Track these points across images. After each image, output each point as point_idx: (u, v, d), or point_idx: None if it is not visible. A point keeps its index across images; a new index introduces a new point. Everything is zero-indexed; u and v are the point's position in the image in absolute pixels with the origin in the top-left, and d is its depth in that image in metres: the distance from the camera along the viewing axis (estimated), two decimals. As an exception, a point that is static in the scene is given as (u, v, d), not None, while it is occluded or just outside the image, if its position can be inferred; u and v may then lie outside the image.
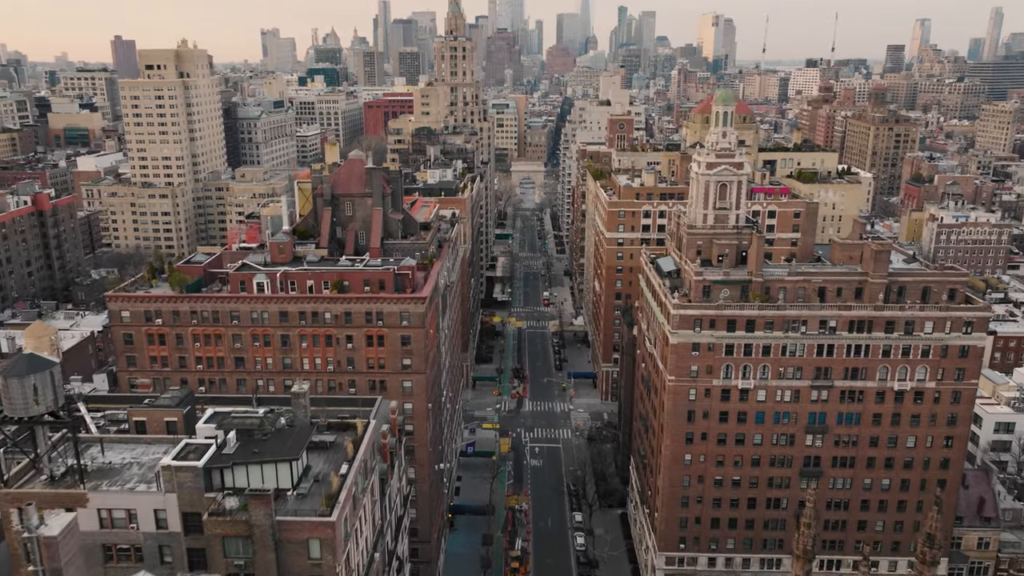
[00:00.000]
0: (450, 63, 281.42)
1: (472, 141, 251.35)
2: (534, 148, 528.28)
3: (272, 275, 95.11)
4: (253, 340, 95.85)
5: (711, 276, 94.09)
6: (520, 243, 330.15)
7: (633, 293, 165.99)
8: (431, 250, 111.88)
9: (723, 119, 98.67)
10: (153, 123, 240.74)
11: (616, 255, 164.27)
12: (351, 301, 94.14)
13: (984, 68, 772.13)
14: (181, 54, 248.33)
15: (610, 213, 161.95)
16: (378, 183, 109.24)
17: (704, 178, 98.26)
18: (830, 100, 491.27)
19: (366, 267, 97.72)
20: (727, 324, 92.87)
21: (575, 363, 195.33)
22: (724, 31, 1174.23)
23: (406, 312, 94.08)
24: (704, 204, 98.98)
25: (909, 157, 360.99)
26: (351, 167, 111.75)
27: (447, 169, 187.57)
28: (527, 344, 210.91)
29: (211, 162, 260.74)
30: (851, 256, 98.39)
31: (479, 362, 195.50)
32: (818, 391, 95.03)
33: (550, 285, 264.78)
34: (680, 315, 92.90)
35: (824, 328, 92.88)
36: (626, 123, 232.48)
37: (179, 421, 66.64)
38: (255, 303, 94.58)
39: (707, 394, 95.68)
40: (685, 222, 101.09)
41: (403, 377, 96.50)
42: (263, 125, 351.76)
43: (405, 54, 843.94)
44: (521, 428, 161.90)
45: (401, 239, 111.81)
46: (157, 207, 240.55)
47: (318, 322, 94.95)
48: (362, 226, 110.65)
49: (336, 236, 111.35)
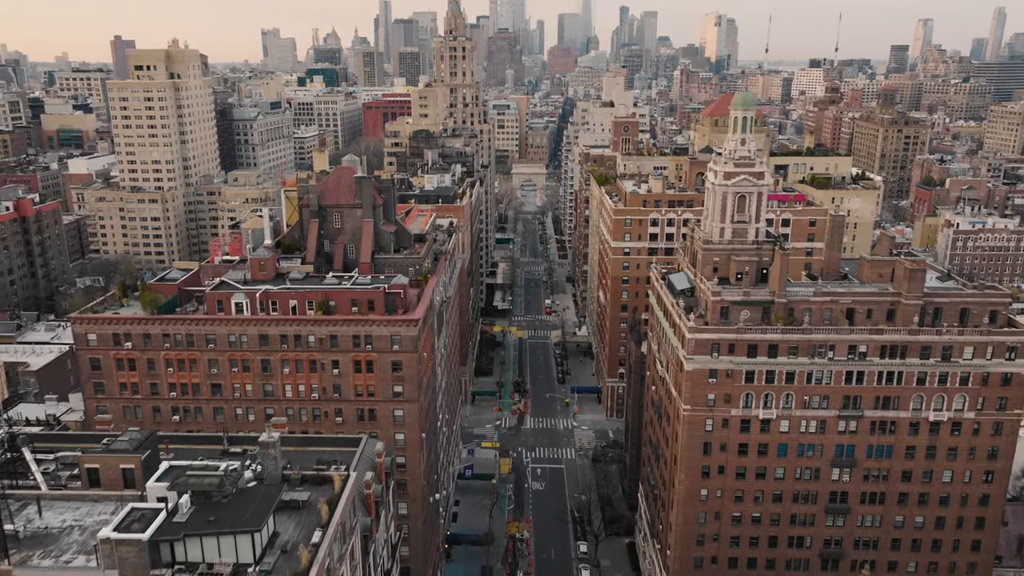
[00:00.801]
0: (449, 63, 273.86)
1: (472, 144, 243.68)
2: (535, 149, 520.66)
3: (252, 295, 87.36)
4: (231, 365, 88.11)
5: (730, 296, 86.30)
6: (521, 248, 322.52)
7: (639, 305, 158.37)
8: (426, 265, 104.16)
9: (741, 125, 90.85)
10: (142, 125, 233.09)
11: (622, 265, 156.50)
12: (337, 323, 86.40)
13: (989, 68, 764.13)
14: (172, 54, 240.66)
15: (616, 221, 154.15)
16: (368, 193, 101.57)
17: (721, 189, 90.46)
18: (837, 101, 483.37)
19: (354, 286, 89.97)
20: (747, 349, 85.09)
21: (578, 376, 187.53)
22: (726, 31, 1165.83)
23: (397, 335, 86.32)
24: (721, 217, 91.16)
25: (919, 160, 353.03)
26: (339, 176, 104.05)
27: (445, 174, 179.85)
28: (528, 355, 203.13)
29: (203, 165, 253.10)
30: (881, 273, 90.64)
31: (479, 374, 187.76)
32: (846, 422, 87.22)
33: (552, 292, 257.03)
34: (696, 339, 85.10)
35: (853, 353, 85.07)
36: (631, 125, 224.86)
37: (137, 469, 58.86)
38: (233, 325, 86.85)
39: (725, 425, 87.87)
40: (700, 236, 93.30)
41: (394, 406, 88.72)
42: (259, 127, 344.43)
43: (405, 54, 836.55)
44: (522, 447, 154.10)
45: (393, 253, 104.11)
46: (146, 212, 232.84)
47: (301, 346, 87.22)
48: (351, 239, 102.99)
49: (324, 250, 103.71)
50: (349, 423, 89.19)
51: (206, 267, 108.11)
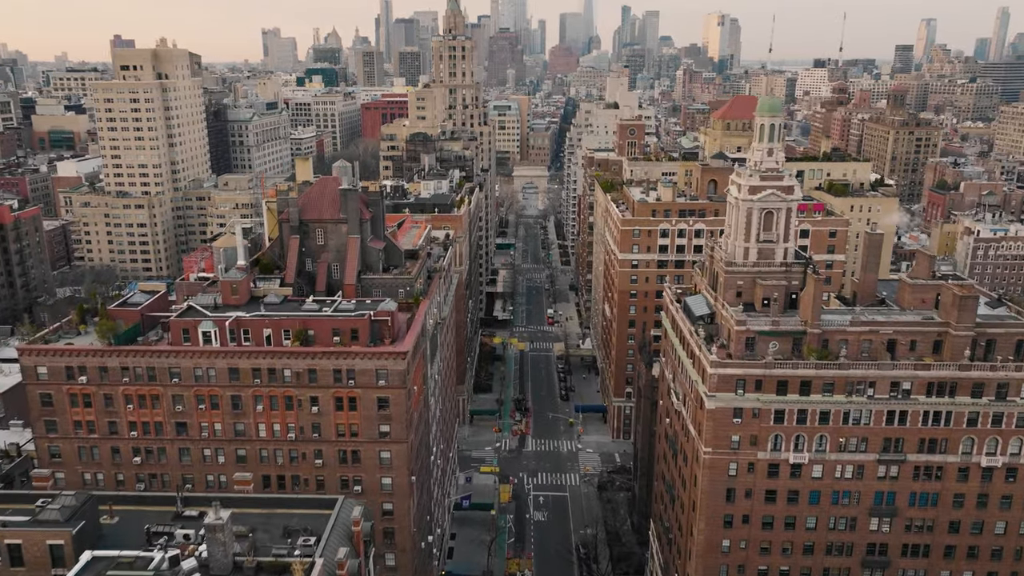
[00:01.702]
0: (448, 63, 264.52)
1: (471, 147, 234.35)
2: (537, 151, 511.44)
3: (221, 323, 78.04)
4: (198, 402, 78.78)
5: (756, 326, 76.93)
6: (522, 253, 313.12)
7: (648, 321, 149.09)
8: (417, 285, 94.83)
9: (769, 133, 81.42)
10: (128, 128, 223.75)
11: (630, 278, 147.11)
12: (316, 356, 77.02)
13: (996, 68, 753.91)
14: (159, 54, 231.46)
15: (623, 232, 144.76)
16: (354, 207, 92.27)
17: (746, 205, 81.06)
18: (845, 102, 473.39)
19: (335, 313, 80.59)
20: (777, 386, 75.71)
21: (582, 393, 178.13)
22: (729, 31, 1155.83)
23: (383, 369, 76.96)
24: (745, 236, 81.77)
25: (931, 163, 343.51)
26: (323, 187, 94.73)
27: (442, 180, 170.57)
28: (530, 369, 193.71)
29: (192, 169, 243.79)
30: (924, 299, 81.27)
31: (478, 391, 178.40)
32: (887, 466, 77.82)
33: (555, 301, 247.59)
34: (719, 375, 75.72)
35: (896, 391, 75.68)
36: (636, 128, 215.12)
37: (67, 545, 49.77)
38: (199, 357, 77.50)
39: (751, 469, 78.51)
40: (721, 256, 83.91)
41: (380, 447, 79.39)
42: (255, 128, 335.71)
43: (405, 54, 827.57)
44: (523, 472, 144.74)
45: (382, 273, 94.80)
46: (133, 218, 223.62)
47: (276, 381, 77.84)
48: (336, 258, 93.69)
49: (305, 269, 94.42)
50: (330, 466, 79.88)
51: (180, 285, 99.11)
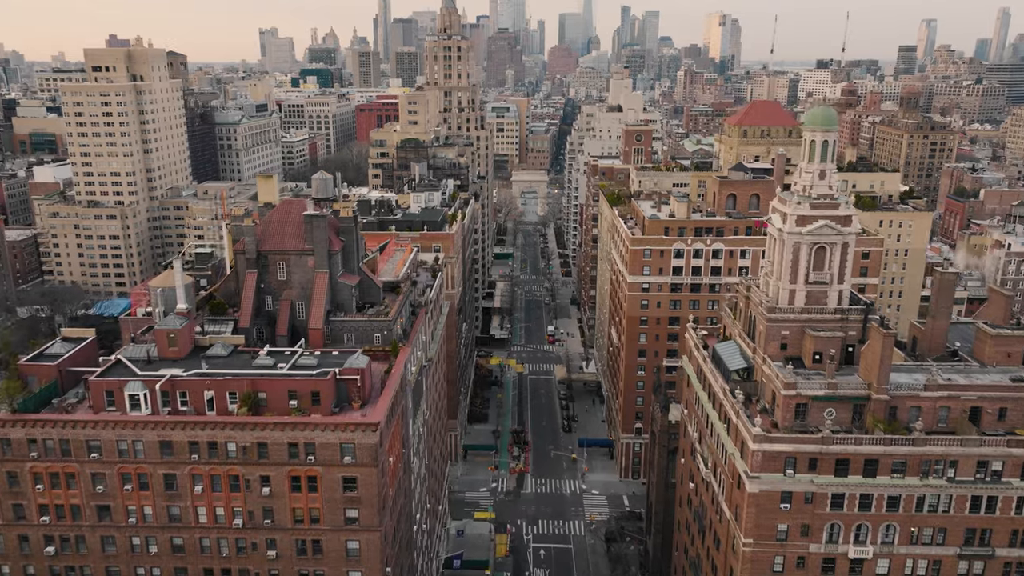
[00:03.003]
0: (443, 64, 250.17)
1: (467, 154, 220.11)
2: (536, 154, 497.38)
3: (151, 384, 63.62)
4: (123, 481, 64.33)
5: (809, 389, 62.56)
6: (521, 263, 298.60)
7: (660, 351, 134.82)
8: (398, 327, 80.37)
9: (821, 151, 67.03)
10: (99, 133, 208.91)
11: (640, 303, 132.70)
12: (267, 427, 62.63)
13: (1002, 69, 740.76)
14: (133, 54, 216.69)
15: (633, 252, 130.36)
16: (322, 236, 77.82)
17: (792, 239, 66.64)
18: (854, 104, 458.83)
19: (292, 371, 66.10)
20: (835, 465, 61.39)
21: (586, 424, 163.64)
22: (730, 31, 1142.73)
23: (350, 444, 62.55)
24: (792, 276, 67.35)
25: (948, 168, 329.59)
26: (286, 213, 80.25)
27: (434, 192, 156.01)
28: (529, 395, 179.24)
29: (170, 176, 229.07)
30: (1010, 353, 66.94)
31: (472, 421, 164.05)
32: (969, 562, 63.55)
33: (555, 317, 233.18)
34: (764, 452, 61.36)
35: (983, 472, 61.42)
36: (644, 134, 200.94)
37: None
38: (124, 428, 63.07)
39: (801, 565, 64.15)
40: (760, 299, 69.51)
41: (347, 535, 64.97)
42: (243, 131, 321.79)
43: (403, 54, 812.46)
44: (522, 519, 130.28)
45: (356, 313, 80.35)
46: (104, 230, 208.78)
47: (219, 456, 63.45)
48: (301, 295, 79.25)
49: (265, 309, 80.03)
50: (286, 558, 65.44)
51: (126, 322, 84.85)
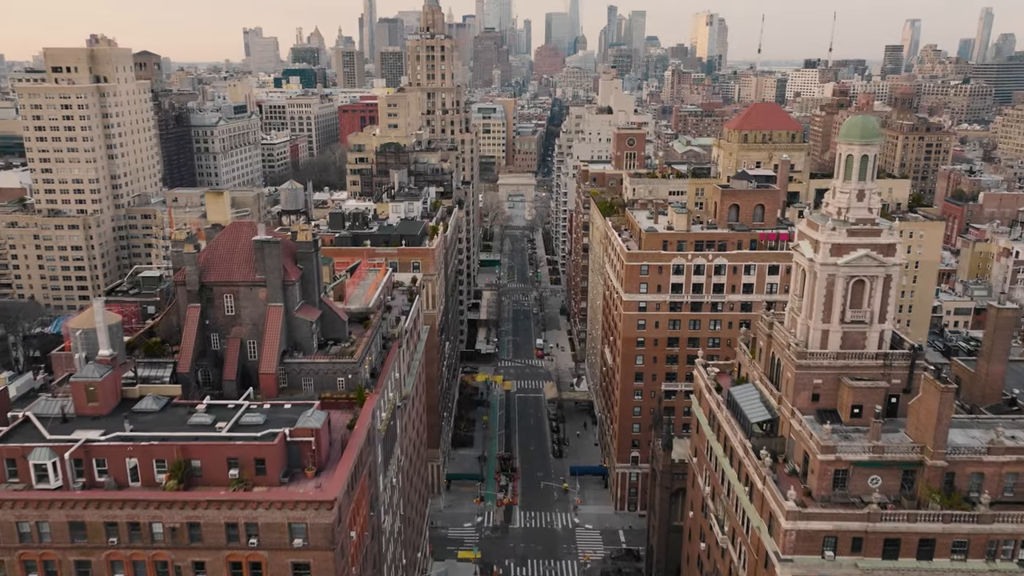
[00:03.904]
0: (426, 64, 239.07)
1: (450, 158, 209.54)
2: (524, 156, 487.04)
3: (61, 450, 52.77)
4: (26, 570, 53.44)
5: (850, 453, 52.51)
6: (508, 270, 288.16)
7: (659, 374, 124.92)
8: (364, 369, 69.74)
9: (859, 168, 56.96)
10: (60, 138, 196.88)
11: (637, 323, 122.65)
12: (200, 504, 51.89)
13: (988, 69, 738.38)
14: (96, 54, 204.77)
15: (629, 268, 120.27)
16: (276, 264, 67.09)
17: (826, 271, 56.56)
18: (846, 105, 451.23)
19: (235, 430, 55.39)
20: (884, 546, 51.37)
21: (578, 448, 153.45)
22: (717, 31, 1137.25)
23: (300, 524, 51.94)
24: (825, 313, 57.28)
25: (944, 170, 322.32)
26: (234, 238, 69.41)
27: (415, 202, 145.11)
28: (517, 416, 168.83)
29: (138, 183, 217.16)
30: (1078, 404, 57.20)
31: (457, 445, 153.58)
32: (1039, 656, 53.79)
33: (544, 328, 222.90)
34: (799, 530, 51.23)
35: (1058, 551, 51.69)
36: (636, 138, 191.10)
37: None
38: (26, 508, 52.14)
39: (840, 660, 54.15)
40: (787, 340, 59.41)
41: (300, 630, 54.37)
42: (221, 133, 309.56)
43: (387, 54, 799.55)
44: (510, 559, 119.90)
45: (316, 352, 69.64)
46: (66, 240, 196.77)
47: (142, 540, 52.62)
48: (253, 332, 68.47)
49: (211, 348, 69.20)
50: (227, 657, 54.76)
51: (59, 358, 73.72)
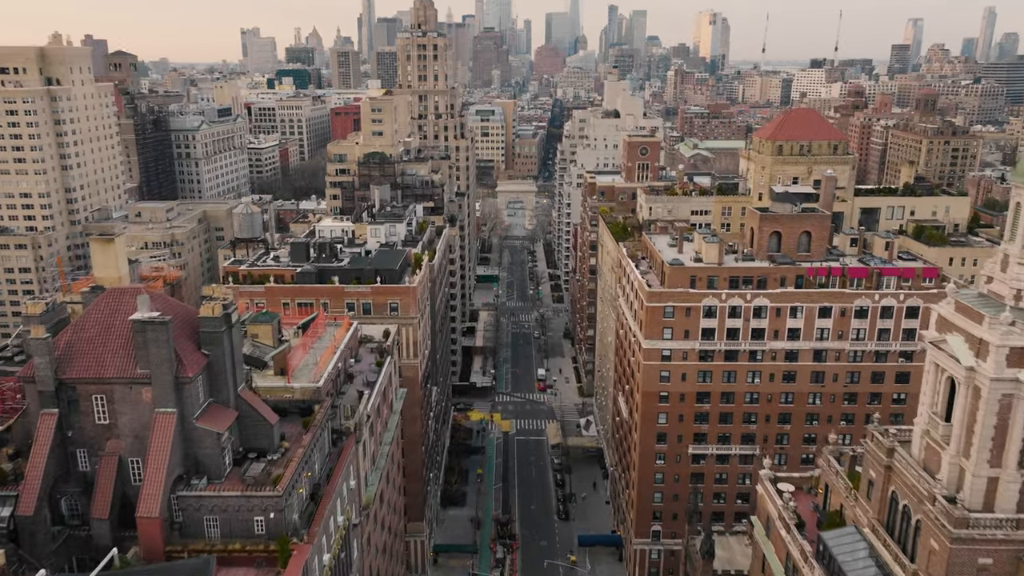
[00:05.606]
0: (417, 65, 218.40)
1: (442, 168, 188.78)
2: (524, 160, 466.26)
3: None
4: None
5: None
6: (507, 286, 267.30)
7: (686, 435, 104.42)
8: (293, 504, 49.00)
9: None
10: (5, 147, 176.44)
11: (659, 375, 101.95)
12: None
13: (998, 68, 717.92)
14: (48, 53, 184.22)
15: (650, 311, 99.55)
16: (165, 353, 46.29)
17: (998, 389, 35.92)
18: (862, 107, 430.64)
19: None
20: None
21: (587, 509, 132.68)
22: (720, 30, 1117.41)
23: None
24: (992, 453, 36.59)
25: (973, 176, 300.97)
26: (110, 312, 48.51)
27: (397, 224, 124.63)
28: (516, 465, 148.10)
29: (98, 196, 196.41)
30: None
31: (446, 504, 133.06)
32: None
33: (547, 356, 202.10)
34: None
35: None
36: (650, 147, 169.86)
37: None
38: None
39: None
40: (922, 487, 38.67)
41: None
42: (204, 137, 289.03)
43: (383, 54, 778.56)
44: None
45: (229, 470, 48.95)
46: (13, 261, 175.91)
47: None
48: (135, 448, 47.81)
49: (79, 470, 48.51)
50: None
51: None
